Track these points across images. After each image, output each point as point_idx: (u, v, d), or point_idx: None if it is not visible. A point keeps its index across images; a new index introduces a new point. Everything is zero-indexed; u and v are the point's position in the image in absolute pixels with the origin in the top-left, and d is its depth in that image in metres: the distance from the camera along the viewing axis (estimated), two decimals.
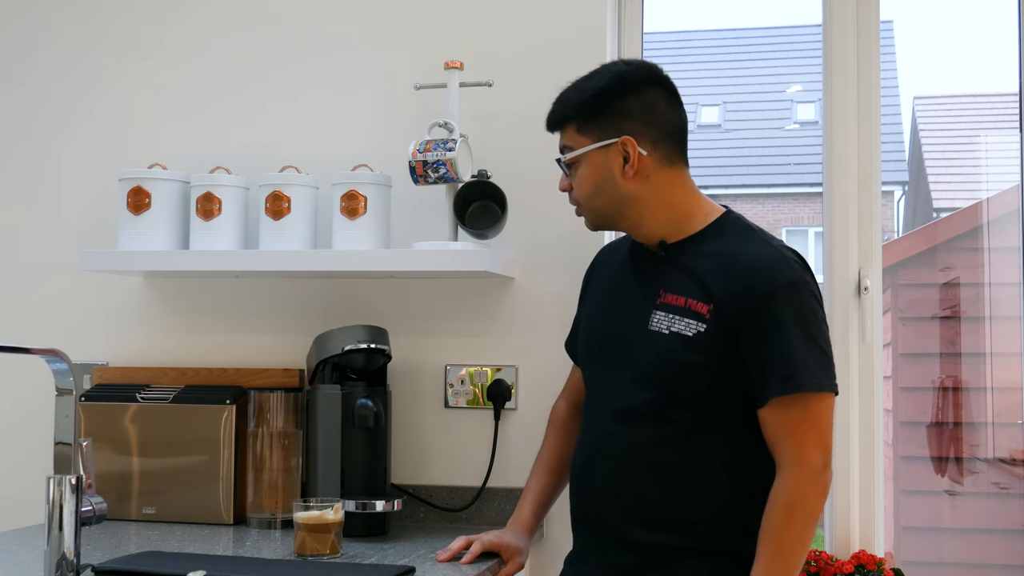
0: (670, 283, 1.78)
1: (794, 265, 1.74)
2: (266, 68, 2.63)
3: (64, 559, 1.59)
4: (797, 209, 9.08)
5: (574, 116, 1.82)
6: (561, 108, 1.84)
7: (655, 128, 1.80)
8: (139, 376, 2.53)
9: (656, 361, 1.75)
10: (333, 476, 2.23)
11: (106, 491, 2.28)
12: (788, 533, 1.67)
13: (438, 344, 2.49)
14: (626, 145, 1.77)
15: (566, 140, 1.84)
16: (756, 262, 1.73)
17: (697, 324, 1.71)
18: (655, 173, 1.80)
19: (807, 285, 1.73)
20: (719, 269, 1.73)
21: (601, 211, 1.84)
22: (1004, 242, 3.11)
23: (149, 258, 2.44)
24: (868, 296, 2.42)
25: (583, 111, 1.81)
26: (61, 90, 2.74)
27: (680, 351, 1.72)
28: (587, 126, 1.80)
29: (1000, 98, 3.90)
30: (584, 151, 1.81)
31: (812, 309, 1.72)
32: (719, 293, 1.71)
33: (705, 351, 1.70)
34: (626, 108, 1.79)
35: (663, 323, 1.75)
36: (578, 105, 1.82)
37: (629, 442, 1.77)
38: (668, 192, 1.81)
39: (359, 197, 2.35)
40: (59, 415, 1.60)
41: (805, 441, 1.68)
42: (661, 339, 1.74)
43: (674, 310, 1.74)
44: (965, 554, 3.32)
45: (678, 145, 1.84)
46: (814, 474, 1.68)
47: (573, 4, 2.47)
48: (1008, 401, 3.15)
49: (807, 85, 8.17)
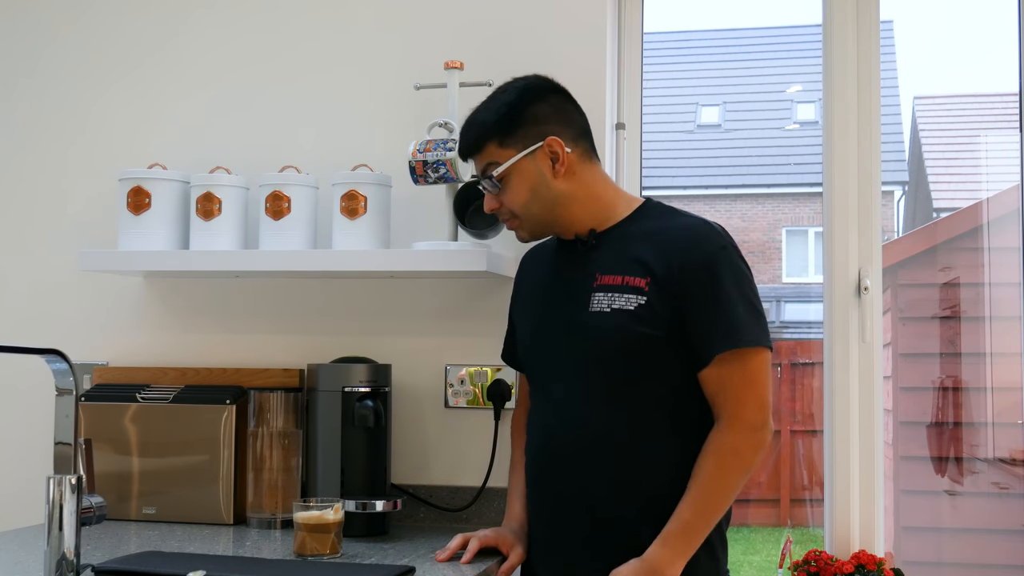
0: (604, 266, 1.85)
1: (722, 232, 1.84)
2: (266, 68, 2.63)
3: (64, 559, 1.59)
4: (797, 209, 9.07)
5: (494, 132, 1.89)
6: (477, 129, 1.91)
7: (570, 128, 1.90)
8: (139, 376, 2.53)
9: (602, 338, 1.81)
10: (333, 476, 2.23)
11: (106, 491, 2.28)
12: (717, 478, 1.76)
13: (438, 344, 2.49)
14: (552, 145, 1.86)
15: (489, 159, 1.90)
16: (687, 232, 1.83)
17: (638, 297, 1.79)
18: (579, 169, 1.90)
19: (736, 250, 1.83)
20: (651, 244, 1.83)
21: (538, 217, 1.90)
22: (1004, 242, 3.11)
23: (149, 258, 2.44)
24: (868, 296, 2.42)
25: (502, 125, 1.88)
26: (61, 91, 2.74)
27: (625, 324, 1.79)
28: (508, 139, 1.88)
29: (1000, 98, 3.90)
30: (513, 161, 1.87)
31: (744, 271, 1.83)
32: (655, 265, 1.80)
33: (648, 321, 1.78)
34: (541, 113, 1.89)
35: (603, 302, 1.82)
36: (495, 122, 1.89)
37: (584, 424, 1.83)
38: (593, 185, 1.91)
39: (359, 197, 2.35)
40: (59, 415, 1.60)
41: (743, 397, 1.77)
42: (604, 317, 1.81)
43: (613, 289, 1.82)
44: (965, 554, 3.32)
45: (590, 143, 1.94)
46: (752, 429, 1.77)
47: (573, 4, 2.47)
48: (1008, 401, 3.15)
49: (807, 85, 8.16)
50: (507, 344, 2.13)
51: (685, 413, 1.81)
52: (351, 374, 2.27)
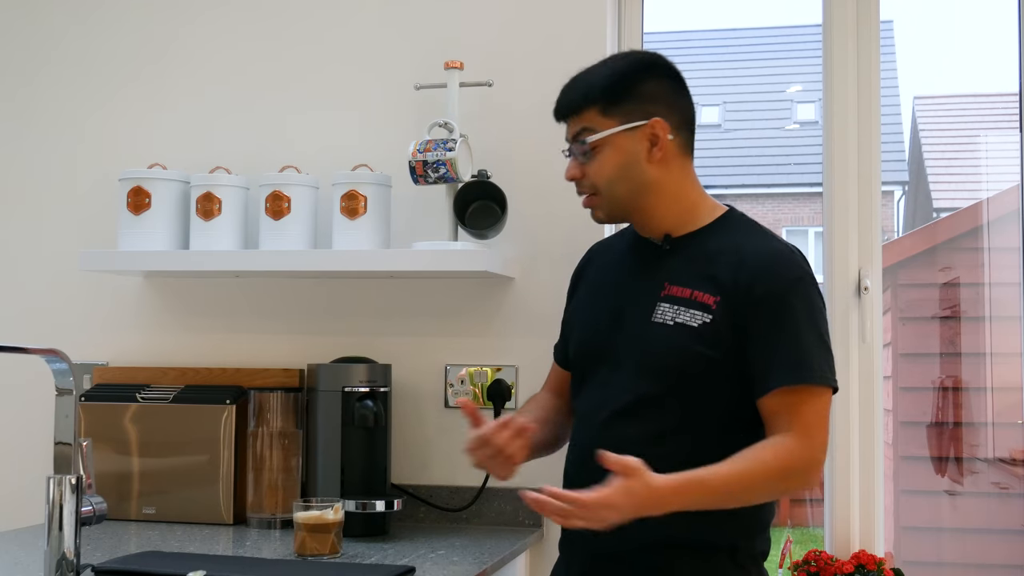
0: (675, 276, 1.76)
1: (801, 262, 1.75)
2: (266, 69, 2.63)
3: (64, 559, 1.59)
4: (797, 209, 9.07)
5: (599, 98, 1.76)
6: (583, 90, 1.79)
7: (677, 114, 1.78)
8: (139, 376, 2.53)
9: (660, 352, 1.72)
10: (333, 476, 2.23)
11: (106, 491, 2.27)
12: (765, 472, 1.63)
13: (438, 344, 2.49)
14: (656, 127, 1.74)
15: (586, 123, 1.77)
16: (766, 256, 1.72)
17: (703, 315, 1.70)
18: (675, 161, 1.78)
19: (813, 282, 1.74)
20: (727, 262, 1.72)
21: (621, 198, 1.79)
22: (1004, 242, 3.10)
23: (149, 258, 2.44)
24: (868, 296, 2.42)
25: (608, 93, 1.76)
26: (62, 92, 2.74)
27: (685, 341, 1.70)
28: (613, 108, 1.76)
29: (1000, 98, 3.90)
30: (610, 132, 1.75)
31: (818, 305, 1.72)
32: (727, 285, 1.70)
33: (710, 342, 1.69)
34: (651, 91, 1.76)
35: (667, 315, 1.73)
36: (603, 87, 1.77)
37: (626, 437, 1.73)
38: (683, 182, 1.80)
39: (359, 197, 2.35)
40: (59, 415, 1.60)
41: (809, 423, 1.65)
42: (665, 330, 1.72)
43: (679, 302, 1.73)
44: (965, 554, 3.31)
45: (691, 136, 1.83)
46: (814, 451, 1.65)
47: (573, 4, 2.47)
48: (1008, 401, 3.14)
49: (807, 85, 8.17)
50: (562, 340, 2.01)
51: (729, 443, 1.67)
52: (351, 374, 2.27)
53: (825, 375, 1.68)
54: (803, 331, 1.68)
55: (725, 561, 1.72)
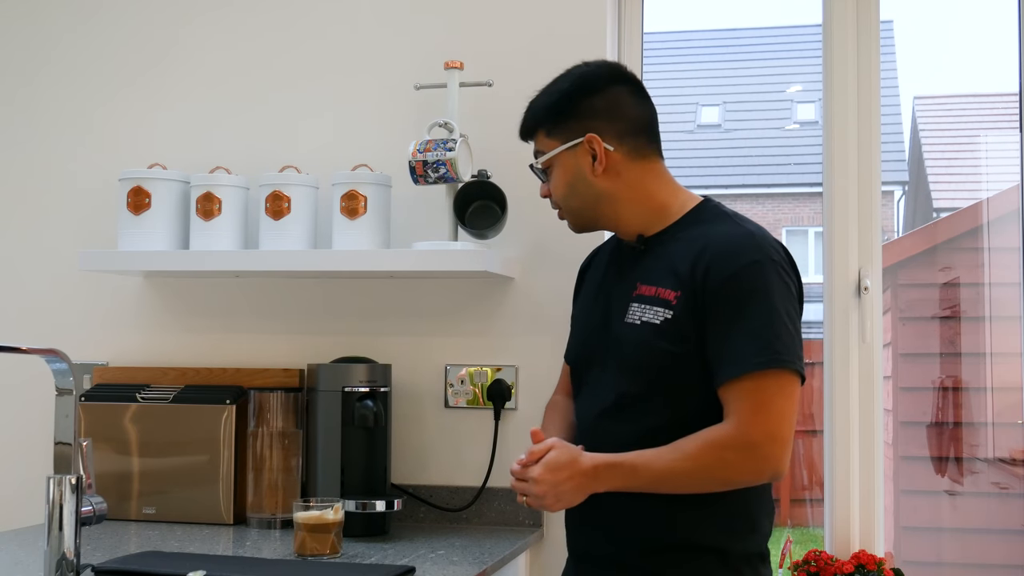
0: (646, 275, 1.79)
1: (762, 245, 1.72)
2: (266, 68, 2.63)
3: (64, 559, 1.59)
4: (797, 209, 9.07)
5: (543, 121, 1.86)
6: (530, 115, 1.89)
7: (621, 123, 1.82)
8: (139, 376, 2.53)
9: (631, 352, 1.76)
10: (333, 476, 2.23)
11: (106, 491, 2.28)
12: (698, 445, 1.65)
13: (438, 344, 2.49)
14: (592, 143, 1.80)
15: (538, 146, 1.88)
16: (723, 242, 1.72)
17: (664, 311, 1.72)
18: (625, 168, 1.82)
19: (775, 264, 1.71)
20: (689, 254, 1.74)
21: (579, 211, 1.87)
22: (1004, 242, 3.10)
23: (149, 258, 2.44)
24: (868, 296, 2.42)
25: (550, 115, 1.85)
26: (62, 91, 2.75)
27: (650, 339, 1.73)
28: (555, 129, 1.84)
29: (1000, 98, 3.89)
30: (554, 153, 1.84)
31: (778, 288, 1.69)
32: (686, 278, 1.72)
33: (672, 337, 1.70)
34: (591, 107, 1.82)
35: (636, 314, 1.76)
36: (545, 109, 1.86)
37: (613, 438, 1.75)
38: (641, 185, 1.83)
39: (359, 197, 2.35)
40: (59, 415, 1.60)
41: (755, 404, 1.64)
42: (634, 330, 1.76)
43: (646, 300, 1.76)
44: (965, 554, 3.31)
45: (647, 138, 1.85)
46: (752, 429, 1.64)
47: (573, 4, 2.47)
48: (1008, 401, 3.14)
49: (807, 85, 8.16)
50: (569, 339, 2.04)
51: None
52: (351, 374, 2.27)
53: (774, 359, 1.65)
54: (754, 317, 1.66)
55: (714, 563, 1.72)
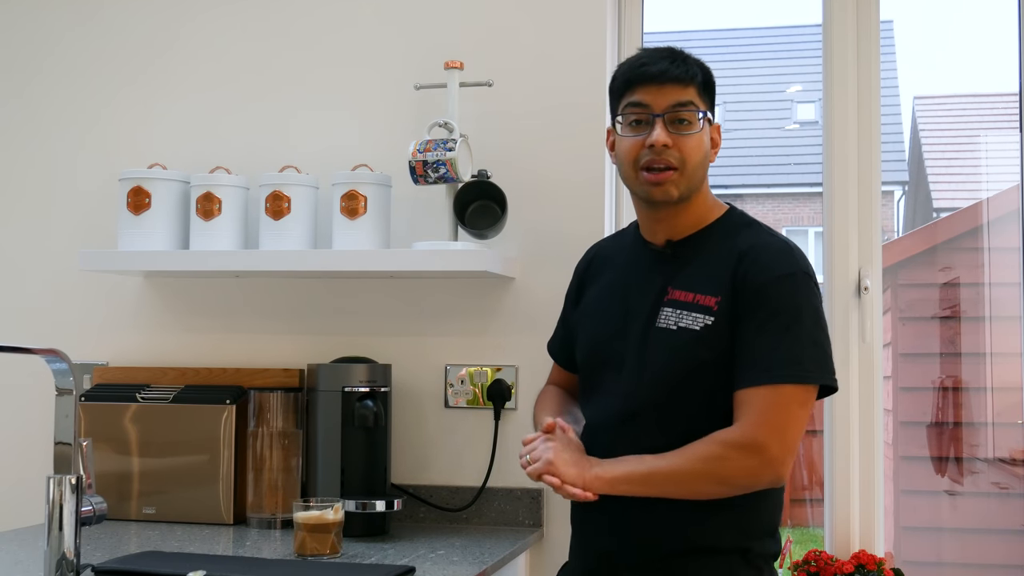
0: (678, 279, 1.76)
1: (798, 257, 1.74)
2: (266, 69, 2.63)
3: (64, 559, 1.59)
4: (797, 209, 9.07)
5: (701, 80, 1.77)
6: (693, 66, 1.77)
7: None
8: (139, 376, 2.53)
9: (665, 358, 1.72)
10: (333, 476, 2.23)
11: (106, 491, 2.28)
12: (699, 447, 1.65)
13: (438, 344, 2.49)
14: (718, 130, 1.80)
15: (692, 97, 1.75)
16: (761, 251, 1.73)
17: (705, 317, 1.70)
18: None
19: (807, 278, 1.72)
20: (724, 261, 1.73)
21: (695, 183, 1.78)
22: (1004, 242, 3.10)
23: (149, 258, 2.44)
24: (868, 296, 2.42)
25: (708, 79, 1.79)
26: (63, 92, 2.75)
27: (688, 345, 1.70)
28: (706, 94, 1.78)
29: (1000, 98, 3.89)
30: (708, 115, 1.77)
31: (808, 302, 1.70)
32: (726, 284, 1.71)
33: (712, 345, 1.69)
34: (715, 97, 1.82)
35: (671, 319, 1.73)
36: (703, 72, 1.79)
37: (638, 444, 1.72)
38: (707, 186, 1.84)
39: (359, 197, 2.35)
40: (59, 415, 1.60)
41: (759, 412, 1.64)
42: (669, 335, 1.72)
43: (682, 306, 1.73)
44: (965, 554, 3.31)
45: None
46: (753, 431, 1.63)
47: (573, 4, 2.47)
48: (1008, 401, 3.14)
49: (807, 85, 8.16)
50: (555, 337, 2.04)
51: None
52: (351, 374, 2.27)
53: (799, 373, 1.65)
54: (787, 328, 1.66)
55: (738, 561, 1.73)
